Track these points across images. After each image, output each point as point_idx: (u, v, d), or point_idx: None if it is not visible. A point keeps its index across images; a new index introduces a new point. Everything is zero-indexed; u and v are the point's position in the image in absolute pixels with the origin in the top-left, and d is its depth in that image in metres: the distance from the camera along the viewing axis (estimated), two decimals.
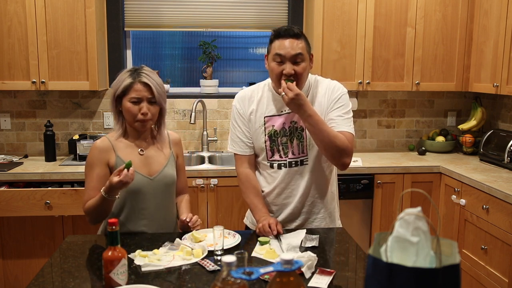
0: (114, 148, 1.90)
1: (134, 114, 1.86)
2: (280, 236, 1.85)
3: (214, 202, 3.09)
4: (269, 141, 2.00)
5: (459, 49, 3.45)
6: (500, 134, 3.29)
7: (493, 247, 2.63)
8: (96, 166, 1.88)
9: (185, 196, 2.13)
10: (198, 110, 3.56)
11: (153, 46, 3.81)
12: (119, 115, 1.93)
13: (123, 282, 1.39)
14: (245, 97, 2.06)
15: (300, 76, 1.88)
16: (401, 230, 0.92)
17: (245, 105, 2.05)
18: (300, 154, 1.99)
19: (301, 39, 1.91)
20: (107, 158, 1.89)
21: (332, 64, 3.35)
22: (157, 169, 1.95)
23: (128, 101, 1.86)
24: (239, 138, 2.05)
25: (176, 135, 2.10)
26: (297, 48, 1.87)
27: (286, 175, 2.01)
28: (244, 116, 2.04)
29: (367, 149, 3.83)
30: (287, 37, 1.88)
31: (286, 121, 1.99)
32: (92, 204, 1.83)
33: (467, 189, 2.89)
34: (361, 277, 1.56)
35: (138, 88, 1.85)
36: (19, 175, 2.94)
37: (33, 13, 3.05)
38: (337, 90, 1.99)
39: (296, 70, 1.87)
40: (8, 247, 2.97)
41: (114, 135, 1.95)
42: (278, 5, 3.68)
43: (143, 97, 1.86)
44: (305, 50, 1.90)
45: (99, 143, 1.91)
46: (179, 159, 2.08)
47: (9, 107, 3.47)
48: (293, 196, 2.03)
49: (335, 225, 2.13)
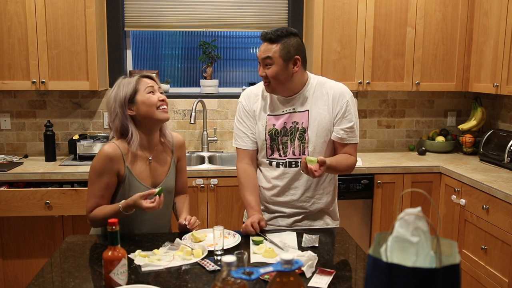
0: (124, 158, 1.86)
1: (154, 102, 1.86)
2: (267, 234, 1.87)
3: (214, 202, 3.09)
4: (269, 139, 2.02)
5: (459, 49, 3.45)
6: (500, 134, 3.29)
7: (493, 247, 2.63)
8: (106, 175, 1.84)
9: (184, 196, 2.13)
10: (198, 110, 3.56)
11: (153, 46, 3.81)
12: (130, 122, 1.87)
13: (123, 282, 1.39)
14: (251, 94, 2.10)
15: (272, 79, 1.93)
16: (401, 230, 0.92)
17: (251, 102, 2.08)
18: (301, 155, 2.00)
19: (276, 43, 1.91)
20: (118, 168, 1.85)
21: (332, 64, 3.35)
22: (160, 179, 1.96)
23: (145, 93, 1.86)
24: (243, 132, 2.08)
25: (180, 137, 2.09)
26: (269, 51, 1.91)
27: (284, 174, 2.02)
28: (249, 111, 2.07)
29: (367, 149, 3.83)
30: (264, 41, 1.95)
31: (288, 121, 2.01)
32: (102, 215, 1.84)
33: (467, 189, 2.89)
34: (361, 277, 1.56)
35: (147, 81, 1.89)
36: (19, 175, 2.94)
37: (33, 13, 3.05)
38: (344, 97, 2.01)
39: (266, 72, 1.93)
40: (8, 247, 2.97)
41: (123, 143, 1.88)
42: (278, 5, 3.68)
43: (155, 87, 1.90)
44: (276, 54, 1.90)
45: (110, 152, 1.84)
46: (181, 162, 2.08)
47: (9, 107, 3.47)
48: (292, 195, 2.04)
49: (335, 225, 2.13)
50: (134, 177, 1.88)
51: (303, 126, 1.99)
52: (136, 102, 1.86)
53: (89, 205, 1.88)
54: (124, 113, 1.86)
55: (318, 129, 1.98)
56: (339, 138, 2.00)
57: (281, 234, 1.90)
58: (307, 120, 1.99)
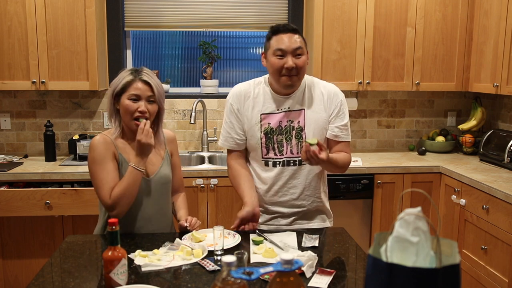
0: (115, 145, 1.88)
1: (131, 112, 1.83)
2: (267, 234, 1.87)
3: (214, 202, 3.09)
4: (264, 138, 2.01)
5: (459, 49, 3.46)
6: (500, 134, 3.29)
7: (493, 247, 2.63)
8: (106, 159, 1.83)
9: (181, 195, 2.12)
10: (198, 110, 3.56)
11: (153, 46, 3.81)
12: (116, 114, 1.91)
13: (123, 282, 1.39)
14: (240, 94, 2.06)
15: (301, 70, 1.93)
16: (401, 230, 0.92)
17: (241, 102, 2.04)
18: (299, 154, 2.00)
19: (298, 34, 1.95)
20: (113, 151, 1.86)
21: (332, 64, 3.35)
22: (153, 170, 1.94)
23: (127, 99, 1.84)
24: (229, 134, 2.06)
25: (171, 133, 2.09)
26: (297, 42, 1.91)
27: (282, 173, 2.02)
28: (238, 112, 2.04)
29: (367, 149, 3.83)
30: (286, 32, 1.92)
31: (283, 119, 2.00)
32: (123, 187, 1.78)
33: (467, 189, 2.89)
34: (361, 277, 1.56)
35: (138, 86, 1.85)
36: (19, 175, 2.94)
37: (33, 13, 3.05)
38: (337, 96, 2.04)
39: (297, 63, 1.91)
40: (8, 247, 2.97)
41: (111, 134, 1.91)
42: (278, 5, 3.68)
43: (143, 95, 1.85)
44: (303, 44, 1.94)
45: (101, 139, 1.86)
46: (174, 157, 2.07)
47: (9, 107, 3.47)
48: (291, 195, 2.04)
49: (330, 222, 2.15)
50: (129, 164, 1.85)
51: (299, 125, 1.99)
52: (120, 101, 1.87)
53: (105, 192, 1.80)
54: (112, 103, 1.90)
55: (315, 128, 1.99)
56: (334, 136, 2.02)
57: (281, 234, 1.90)
58: (304, 119, 1.99)
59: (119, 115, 1.90)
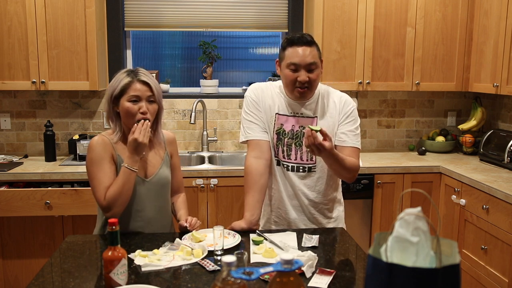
0: (113, 146, 1.88)
1: (133, 114, 1.83)
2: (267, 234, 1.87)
3: (214, 202, 3.09)
4: (276, 138, 2.02)
5: (459, 49, 3.46)
6: (500, 134, 3.29)
7: (493, 247, 2.63)
8: (104, 161, 1.83)
9: (181, 195, 2.12)
10: (198, 110, 3.56)
11: (153, 46, 3.81)
12: (115, 118, 1.89)
13: (123, 282, 1.39)
14: (259, 89, 2.06)
15: (314, 83, 1.94)
16: (401, 230, 0.92)
17: (259, 95, 2.04)
18: (309, 161, 2.01)
19: (313, 46, 1.92)
20: (111, 152, 1.86)
21: (332, 64, 3.35)
22: (152, 171, 1.93)
23: (127, 101, 1.83)
24: (253, 123, 2.02)
25: (171, 134, 2.09)
26: (311, 57, 1.90)
27: (292, 178, 2.02)
28: (258, 103, 2.03)
29: (367, 149, 3.83)
30: (301, 45, 1.90)
31: (296, 124, 2.01)
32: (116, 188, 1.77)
33: (467, 189, 2.89)
34: (361, 277, 1.56)
35: (137, 87, 1.84)
36: (19, 175, 2.94)
37: (33, 13, 3.05)
38: (349, 104, 2.04)
39: (310, 77, 1.91)
40: (8, 247, 2.97)
41: (111, 136, 1.90)
42: (278, 5, 3.68)
43: (143, 96, 1.84)
44: (317, 58, 1.92)
45: (99, 140, 1.86)
46: (174, 158, 2.06)
47: (9, 107, 3.47)
48: (299, 200, 2.04)
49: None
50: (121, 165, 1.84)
51: None
52: (119, 104, 1.86)
53: (100, 193, 1.81)
54: (111, 107, 1.88)
55: None
56: (342, 141, 1.99)
57: (281, 234, 1.90)
58: None
59: (119, 118, 1.89)
